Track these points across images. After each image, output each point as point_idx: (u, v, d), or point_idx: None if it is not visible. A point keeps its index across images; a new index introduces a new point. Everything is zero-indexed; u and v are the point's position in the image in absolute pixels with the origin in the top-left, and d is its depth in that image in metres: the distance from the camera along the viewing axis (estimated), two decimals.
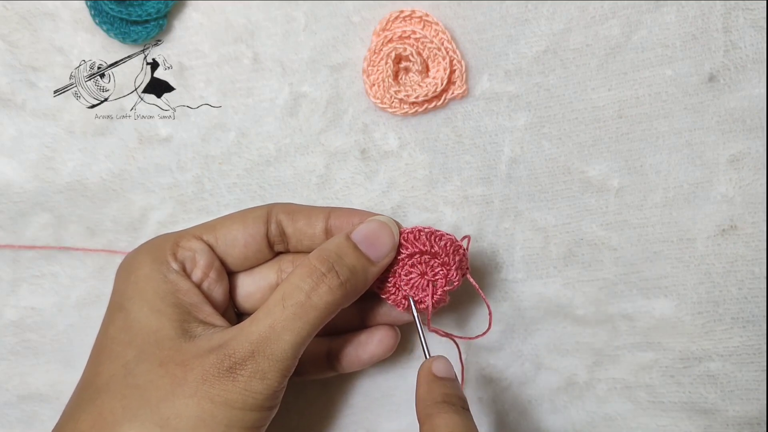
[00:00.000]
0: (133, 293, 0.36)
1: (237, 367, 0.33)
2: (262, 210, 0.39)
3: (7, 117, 0.44)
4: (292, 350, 0.34)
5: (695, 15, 0.43)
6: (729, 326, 0.43)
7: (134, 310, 0.36)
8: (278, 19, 0.44)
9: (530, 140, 0.44)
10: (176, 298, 0.36)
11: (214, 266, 0.38)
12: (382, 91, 0.44)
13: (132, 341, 0.35)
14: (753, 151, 0.43)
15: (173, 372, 0.33)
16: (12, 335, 0.45)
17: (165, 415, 0.32)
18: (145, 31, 0.43)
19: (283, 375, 0.34)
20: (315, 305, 0.35)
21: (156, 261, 0.37)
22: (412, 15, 0.44)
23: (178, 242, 0.38)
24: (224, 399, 0.33)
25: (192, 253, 0.38)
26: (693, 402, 0.44)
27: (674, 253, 0.44)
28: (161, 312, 0.35)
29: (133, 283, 0.37)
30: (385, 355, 0.41)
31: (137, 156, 0.45)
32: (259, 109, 0.45)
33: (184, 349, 0.34)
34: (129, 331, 0.35)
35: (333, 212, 0.39)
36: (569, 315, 0.45)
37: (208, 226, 0.39)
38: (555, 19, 0.43)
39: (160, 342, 0.34)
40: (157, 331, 0.35)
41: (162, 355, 0.34)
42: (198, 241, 0.38)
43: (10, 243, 0.45)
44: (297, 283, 0.35)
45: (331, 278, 0.35)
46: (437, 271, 0.38)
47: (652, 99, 0.43)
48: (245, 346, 0.33)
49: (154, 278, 0.36)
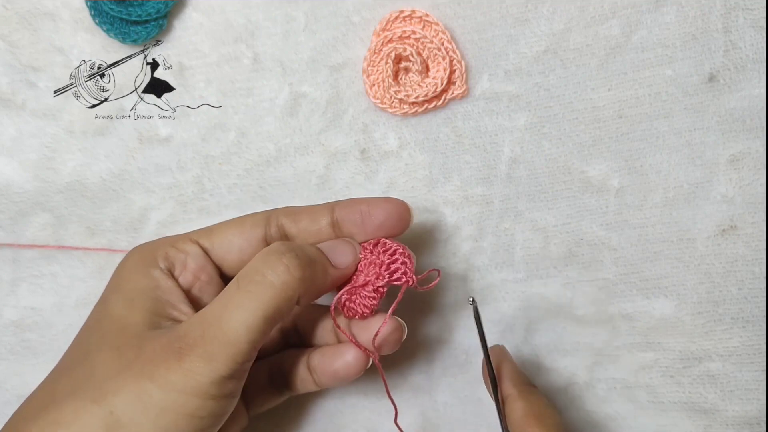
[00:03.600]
0: (115, 286, 0.37)
1: (185, 348, 0.32)
2: (260, 215, 0.39)
3: (7, 117, 0.44)
4: (244, 332, 0.32)
5: (695, 15, 0.43)
6: (729, 326, 0.43)
7: (111, 302, 0.36)
8: (278, 19, 0.44)
9: (530, 140, 0.44)
10: (154, 294, 0.36)
11: (206, 270, 0.38)
12: (382, 91, 0.44)
13: (99, 328, 0.36)
14: (753, 151, 0.43)
15: (126, 354, 0.33)
16: (12, 335, 0.45)
17: (104, 392, 0.32)
18: (145, 31, 0.43)
19: (234, 360, 0.32)
20: (271, 283, 0.33)
21: (144, 259, 0.37)
22: (412, 15, 0.44)
23: (174, 244, 0.38)
24: (165, 380, 0.32)
25: (184, 256, 0.38)
26: (693, 402, 0.44)
27: (674, 253, 0.44)
28: (133, 304, 0.36)
29: (116, 277, 0.38)
30: (355, 371, 0.39)
31: (137, 156, 0.45)
32: (259, 109, 0.45)
33: (144, 335, 0.34)
34: (101, 321, 0.36)
35: (337, 205, 0.39)
36: (569, 315, 0.45)
37: (206, 230, 0.39)
38: (555, 19, 0.43)
39: (123, 329, 0.35)
40: (124, 318, 0.35)
41: (121, 341, 0.34)
42: (193, 245, 0.38)
43: (10, 242, 0.45)
44: (253, 265, 0.34)
45: (290, 258, 0.34)
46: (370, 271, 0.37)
47: (652, 99, 0.43)
48: (197, 328, 0.33)
49: (136, 273, 0.37)
